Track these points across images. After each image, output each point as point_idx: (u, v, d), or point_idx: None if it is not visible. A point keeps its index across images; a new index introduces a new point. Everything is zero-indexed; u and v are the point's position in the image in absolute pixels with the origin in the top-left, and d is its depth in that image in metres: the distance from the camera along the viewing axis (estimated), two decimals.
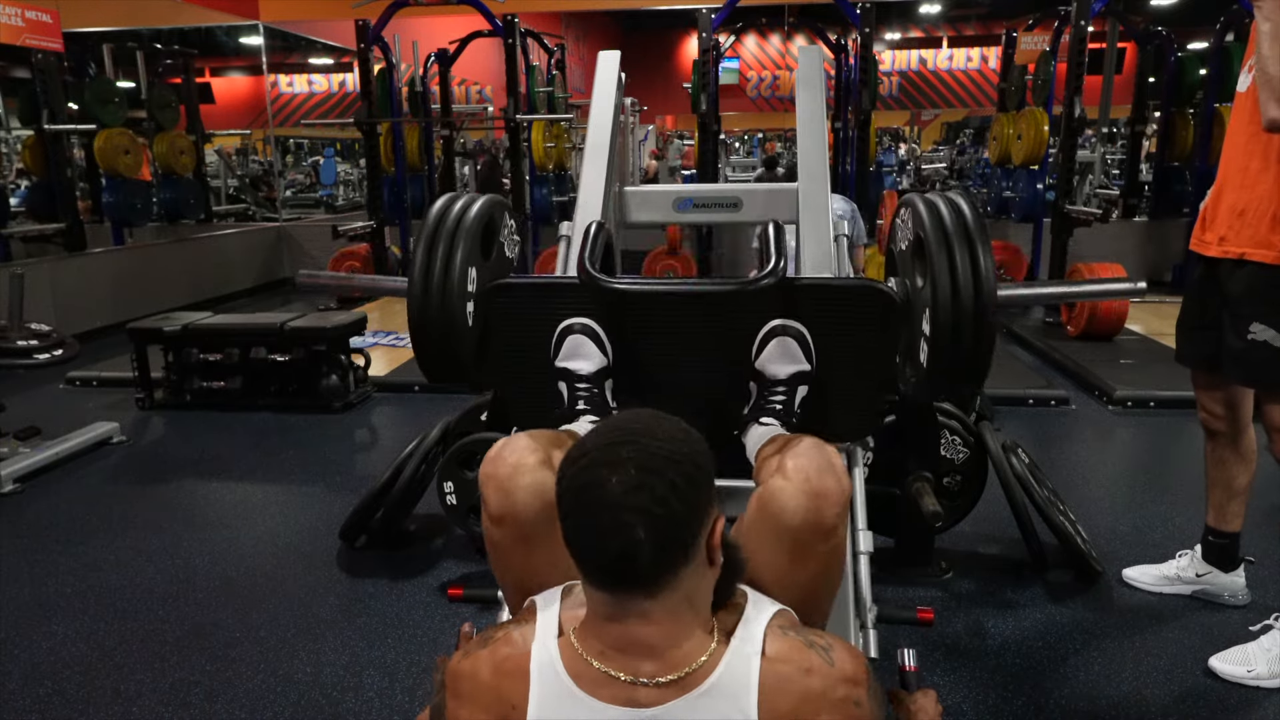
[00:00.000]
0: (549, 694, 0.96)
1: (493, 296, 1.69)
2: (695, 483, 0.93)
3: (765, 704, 0.93)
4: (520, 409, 1.78)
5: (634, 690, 0.94)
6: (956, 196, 1.65)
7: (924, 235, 1.60)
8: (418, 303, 1.68)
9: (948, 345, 1.56)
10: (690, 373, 1.67)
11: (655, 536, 0.89)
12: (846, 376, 1.62)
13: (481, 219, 1.77)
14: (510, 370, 1.75)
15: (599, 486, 0.90)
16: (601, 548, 0.91)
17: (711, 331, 1.63)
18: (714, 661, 0.95)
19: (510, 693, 0.97)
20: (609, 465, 0.91)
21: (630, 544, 0.89)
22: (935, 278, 1.56)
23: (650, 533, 0.89)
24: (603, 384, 1.61)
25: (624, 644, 0.94)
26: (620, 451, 0.92)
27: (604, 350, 1.62)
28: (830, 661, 0.96)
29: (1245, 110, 2.06)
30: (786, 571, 1.17)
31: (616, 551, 0.90)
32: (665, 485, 0.90)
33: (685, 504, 0.91)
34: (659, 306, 1.64)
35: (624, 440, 0.93)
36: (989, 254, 1.54)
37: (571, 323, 1.61)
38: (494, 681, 0.99)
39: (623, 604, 0.93)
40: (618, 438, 0.94)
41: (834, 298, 1.60)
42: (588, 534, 0.92)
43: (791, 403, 1.56)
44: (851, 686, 0.95)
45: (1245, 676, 2.08)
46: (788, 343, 1.56)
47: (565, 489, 0.94)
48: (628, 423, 0.97)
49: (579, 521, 0.93)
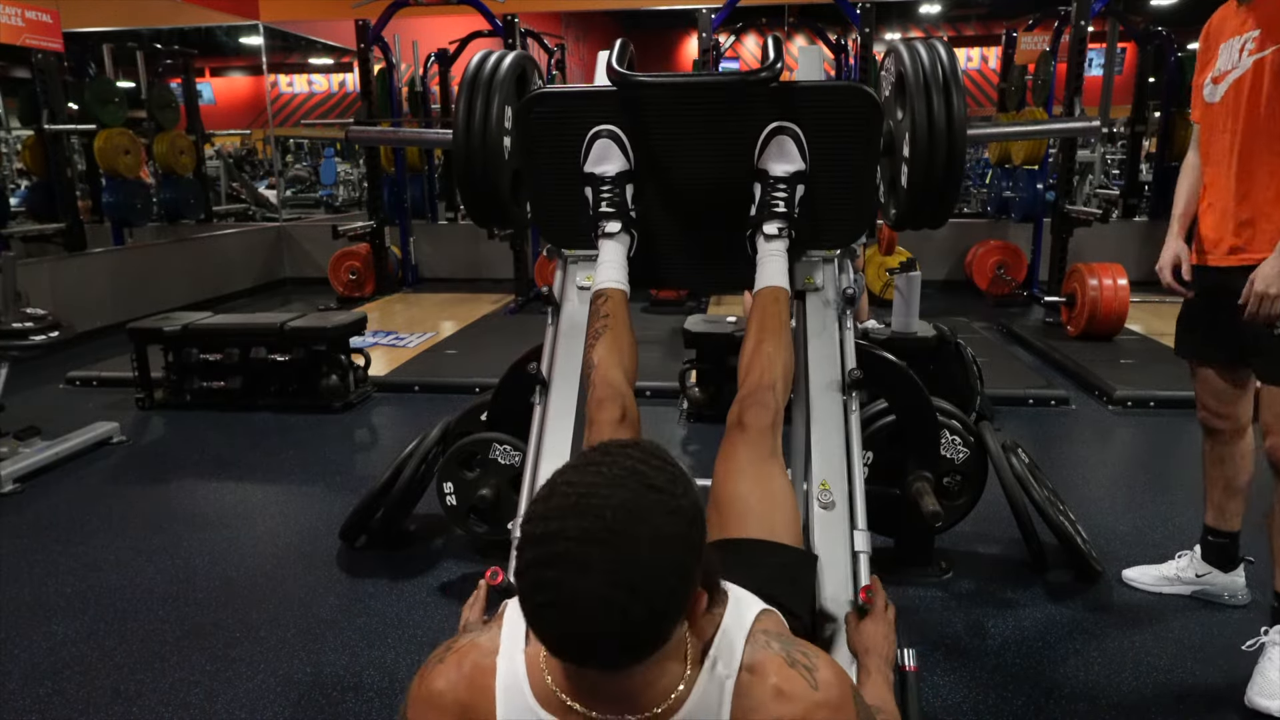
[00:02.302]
0: (514, 714, 0.92)
1: (531, 106, 1.90)
2: (673, 589, 0.82)
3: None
4: (553, 224, 2.02)
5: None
6: (935, 42, 1.88)
7: (904, 71, 1.84)
8: (462, 137, 1.90)
9: (925, 161, 1.79)
10: (701, 175, 1.90)
11: (622, 642, 0.81)
12: (837, 179, 1.87)
13: (515, 68, 1.99)
14: (544, 187, 1.98)
15: (560, 590, 0.79)
16: (561, 643, 0.82)
17: (720, 134, 1.85)
18: (686, 693, 0.89)
19: (476, 709, 0.94)
20: (578, 566, 0.79)
21: (589, 648, 0.81)
22: (914, 108, 1.78)
23: (616, 641, 0.80)
24: (624, 186, 1.84)
25: (591, 692, 0.89)
26: (590, 552, 0.79)
27: (626, 154, 1.85)
28: (813, 684, 0.90)
29: (1221, 121, 2.09)
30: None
31: (575, 650, 0.82)
32: (635, 600, 0.79)
33: (660, 610, 0.81)
34: (675, 110, 1.86)
35: (596, 537, 0.79)
36: (960, 90, 1.80)
37: (600, 129, 1.83)
38: (458, 699, 0.95)
39: (582, 672, 0.87)
40: (591, 528, 0.80)
41: (825, 98, 1.83)
42: (551, 615, 0.81)
43: (792, 200, 1.79)
44: (831, 713, 0.89)
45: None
46: (785, 142, 1.79)
47: (529, 539, 0.82)
48: (607, 504, 0.81)
49: (539, 614, 0.81)
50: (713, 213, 1.94)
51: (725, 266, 1.98)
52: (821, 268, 1.94)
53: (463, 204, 2.00)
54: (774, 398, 1.54)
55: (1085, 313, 5.25)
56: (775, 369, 1.59)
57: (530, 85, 2.09)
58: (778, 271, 1.77)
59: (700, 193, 1.93)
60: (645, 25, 18.51)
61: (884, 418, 2.55)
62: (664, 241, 1.98)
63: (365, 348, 4.80)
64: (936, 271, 7.36)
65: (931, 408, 2.55)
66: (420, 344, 5.59)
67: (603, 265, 1.82)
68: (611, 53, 1.84)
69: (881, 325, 3.32)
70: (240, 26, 10.21)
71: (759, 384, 1.56)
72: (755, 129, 1.82)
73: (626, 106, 1.86)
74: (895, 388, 2.52)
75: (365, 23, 6.98)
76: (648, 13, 14.65)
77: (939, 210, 1.93)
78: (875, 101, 1.83)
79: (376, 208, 7.27)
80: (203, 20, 9.04)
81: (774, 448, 1.48)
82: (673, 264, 2.02)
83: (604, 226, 1.83)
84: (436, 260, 8.32)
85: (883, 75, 2.05)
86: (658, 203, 1.94)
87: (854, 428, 1.69)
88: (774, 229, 1.79)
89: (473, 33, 7.83)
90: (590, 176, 1.85)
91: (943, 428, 2.57)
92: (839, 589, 1.48)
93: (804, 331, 1.86)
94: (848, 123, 1.83)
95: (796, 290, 1.88)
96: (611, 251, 1.83)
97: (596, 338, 1.69)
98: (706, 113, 1.86)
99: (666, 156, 1.91)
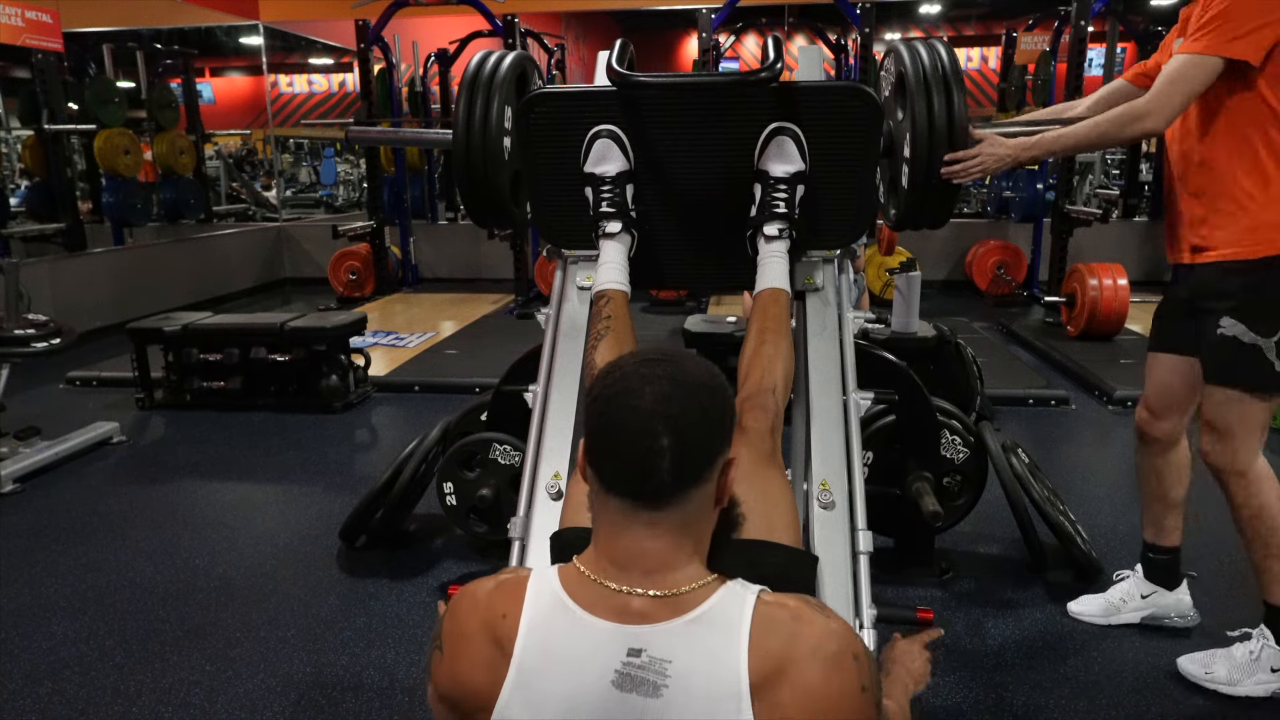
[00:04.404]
0: (541, 605, 0.96)
1: (531, 106, 1.90)
2: (720, 412, 0.97)
3: (756, 641, 0.91)
4: (553, 224, 2.02)
5: (626, 602, 0.93)
6: (935, 42, 1.90)
7: (904, 71, 1.84)
8: (462, 137, 1.91)
9: (925, 161, 1.80)
10: (701, 175, 1.91)
11: (678, 448, 0.91)
12: (838, 179, 1.87)
13: (515, 68, 2.00)
14: (544, 187, 1.98)
15: (632, 395, 0.93)
16: (628, 451, 0.93)
17: (719, 134, 1.87)
18: (708, 591, 0.94)
19: (501, 602, 0.99)
20: (643, 378, 0.94)
21: (655, 451, 0.91)
22: (914, 108, 1.80)
23: (675, 443, 0.91)
24: (624, 186, 1.85)
25: (624, 559, 0.95)
26: (656, 369, 0.95)
27: (626, 155, 1.85)
28: (827, 618, 0.95)
29: (1174, 129, 2.04)
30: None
31: (641, 454, 0.92)
32: (695, 405, 0.93)
33: (709, 426, 0.95)
34: (675, 110, 1.87)
35: (659, 359, 0.97)
36: (961, 90, 1.83)
37: (600, 129, 1.84)
38: (489, 597, 1.01)
39: (632, 513, 0.94)
40: (654, 356, 0.98)
41: (825, 98, 1.84)
42: (614, 437, 0.94)
43: (793, 201, 1.80)
44: (846, 641, 0.93)
45: (1203, 679, 2.08)
46: (785, 142, 1.79)
47: (597, 396, 0.96)
48: (662, 349, 1.01)
49: (608, 424, 0.94)
50: (713, 213, 1.94)
51: (725, 267, 1.98)
52: (821, 268, 1.94)
53: (463, 204, 2.01)
54: (774, 401, 1.55)
55: (1085, 313, 5.25)
56: (775, 372, 1.59)
57: (530, 85, 2.09)
58: (778, 273, 1.77)
59: (700, 193, 1.94)
60: (645, 25, 18.50)
61: (884, 418, 2.55)
62: (664, 242, 1.98)
63: (365, 348, 4.80)
64: (936, 271, 7.37)
65: (931, 408, 2.55)
66: (420, 344, 5.59)
67: (603, 266, 1.82)
68: (611, 53, 1.85)
69: (881, 325, 3.31)
70: (240, 26, 10.21)
71: (759, 387, 1.56)
72: (755, 129, 1.82)
73: (627, 106, 1.87)
74: (895, 388, 2.52)
75: (365, 23, 6.98)
76: (648, 13, 14.64)
77: (940, 211, 1.93)
78: (875, 101, 1.83)
79: (376, 208, 7.27)
80: (203, 20, 9.04)
81: (773, 450, 1.48)
82: (673, 264, 2.02)
83: (604, 227, 1.83)
84: (436, 260, 8.32)
85: (883, 75, 2.06)
86: (658, 203, 1.94)
87: (854, 428, 1.69)
88: (774, 229, 1.79)
89: (473, 33, 7.84)
90: (590, 176, 1.86)
91: (943, 428, 2.57)
92: (839, 589, 1.48)
93: (804, 331, 1.86)
94: (848, 123, 1.84)
95: (796, 290, 1.88)
96: (612, 252, 1.83)
97: (598, 339, 1.69)
98: (706, 113, 1.86)
99: (667, 156, 1.91)
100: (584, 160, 1.86)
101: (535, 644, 0.94)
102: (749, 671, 0.89)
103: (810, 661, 0.90)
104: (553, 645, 0.94)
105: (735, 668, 0.90)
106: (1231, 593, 2.49)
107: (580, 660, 0.92)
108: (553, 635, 0.94)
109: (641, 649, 0.91)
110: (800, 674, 0.90)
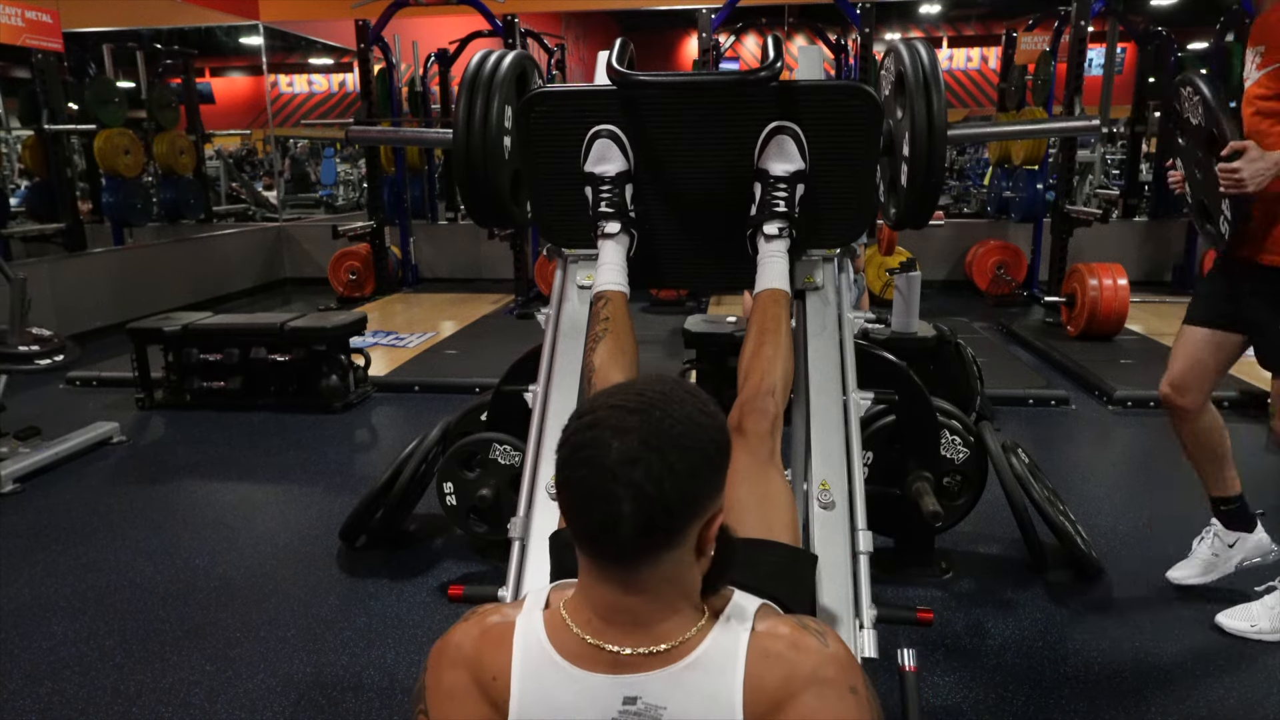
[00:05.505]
0: (531, 663, 0.95)
1: (531, 106, 1.90)
2: (696, 473, 0.88)
3: (751, 678, 0.91)
4: (553, 224, 2.02)
5: (617, 659, 0.92)
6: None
7: (904, 71, 1.86)
8: (462, 137, 1.90)
9: (925, 160, 1.82)
10: (701, 175, 1.91)
11: (641, 515, 0.85)
12: (837, 178, 1.87)
13: (515, 68, 2.00)
14: (544, 187, 1.98)
15: (597, 448, 0.87)
16: (586, 510, 0.88)
17: (719, 133, 1.86)
18: (700, 637, 0.92)
19: (492, 662, 0.96)
20: (614, 430, 0.87)
21: (613, 517, 0.86)
22: (914, 107, 1.82)
23: (636, 510, 0.85)
24: (623, 187, 1.85)
25: (610, 611, 0.92)
26: (629, 419, 0.88)
27: (626, 155, 1.85)
28: (824, 644, 0.94)
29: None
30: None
31: (599, 518, 0.87)
32: (663, 467, 0.86)
33: (679, 491, 0.87)
34: (675, 109, 1.86)
35: (636, 408, 0.89)
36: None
37: (600, 129, 1.83)
38: (476, 651, 0.98)
39: (602, 570, 0.91)
40: (632, 403, 0.90)
41: (825, 97, 1.84)
42: (573, 492, 0.89)
43: (792, 200, 1.80)
44: (844, 669, 0.92)
45: (1249, 631, 2.20)
46: (785, 141, 1.79)
47: (564, 441, 0.91)
48: (648, 389, 0.92)
49: (567, 478, 0.89)
50: (713, 212, 1.94)
51: (725, 266, 1.98)
52: (821, 267, 1.94)
53: (463, 204, 1.99)
54: (773, 402, 1.54)
55: (1085, 313, 5.25)
56: (775, 373, 1.59)
57: (530, 85, 2.09)
58: (778, 274, 1.77)
59: (700, 192, 1.93)
60: (645, 25, 18.50)
61: (884, 418, 2.55)
62: (664, 241, 1.98)
63: (365, 348, 4.80)
64: (936, 271, 7.37)
65: (931, 408, 2.55)
66: (420, 344, 5.59)
67: (603, 266, 1.82)
68: (611, 52, 1.84)
69: (881, 325, 3.31)
70: (240, 26, 10.20)
71: (758, 389, 1.56)
72: (755, 128, 1.82)
73: (626, 106, 1.87)
74: (895, 388, 2.52)
75: (365, 23, 6.98)
76: (648, 13, 14.64)
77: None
78: (875, 101, 1.83)
79: (376, 208, 7.27)
80: (203, 20, 9.04)
81: (773, 452, 1.48)
82: (673, 264, 2.02)
83: (604, 227, 1.83)
84: (436, 260, 8.32)
85: (883, 75, 2.06)
86: (658, 202, 1.94)
87: (854, 428, 1.69)
88: (774, 229, 1.79)
89: (473, 33, 7.83)
90: (590, 176, 1.86)
91: (943, 428, 2.57)
92: (839, 589, 1.48)
93: (804, 331, 1.85)
94: (848, 122, 1.84)
95: (796, 290, 1.88)
96: (611, 252, 1.83)
97: (597, 341, 1.69)
98: (706, 112, 1.86)
99: (666, 156, 1.91)
100: (584, 160, 1.86)
101: (532, 701, 0.94)
102: (744, 712, 0.90)
103: (806, 694, 0.90)
104: (548, 698, 0.93)
105: (731, 708, 0.90)
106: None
107: (578, 711, 0.92)
108: (546, 689, 0.94)
109: (637, 696, 0.91)
110: (796, 709, 0.89)
